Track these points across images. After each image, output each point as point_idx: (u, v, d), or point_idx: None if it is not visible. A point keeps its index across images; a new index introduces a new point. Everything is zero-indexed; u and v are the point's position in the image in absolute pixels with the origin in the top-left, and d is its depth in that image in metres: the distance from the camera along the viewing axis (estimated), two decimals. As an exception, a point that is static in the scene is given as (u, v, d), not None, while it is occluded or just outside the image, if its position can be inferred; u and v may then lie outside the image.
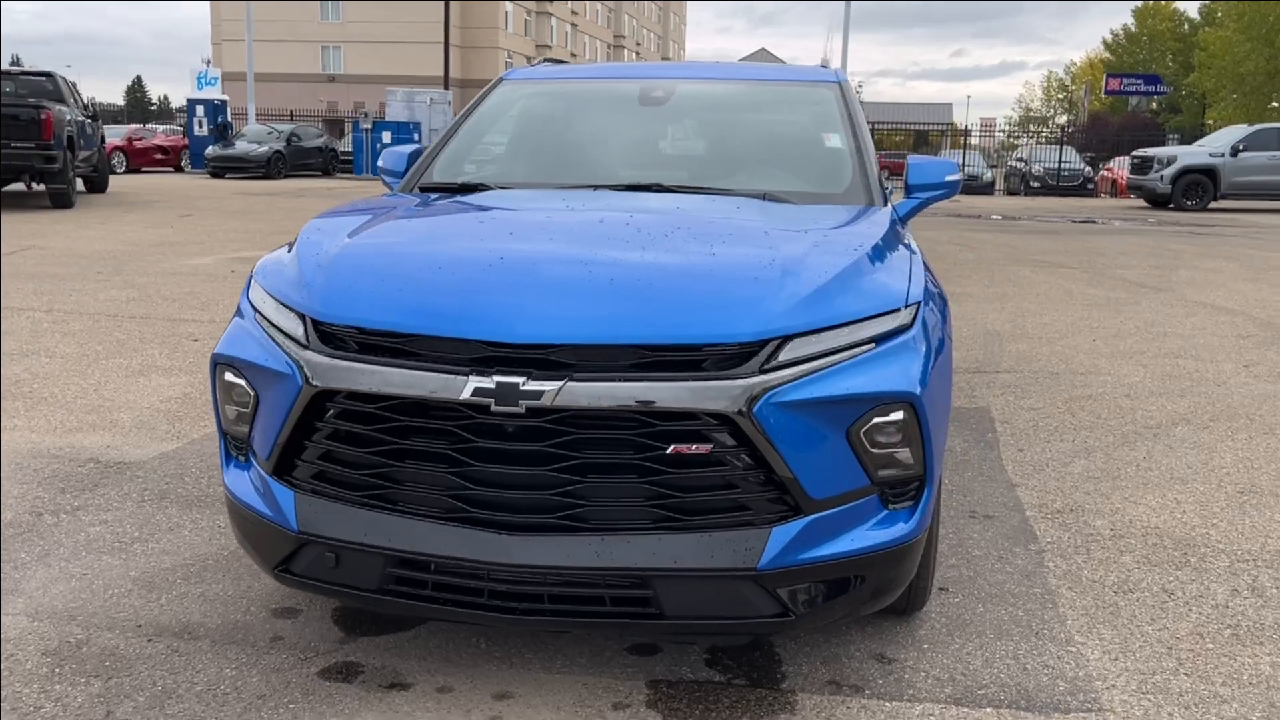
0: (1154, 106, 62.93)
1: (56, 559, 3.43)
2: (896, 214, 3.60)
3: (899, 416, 2.47)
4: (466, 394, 2.33)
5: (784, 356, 2.39)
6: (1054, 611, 3.17)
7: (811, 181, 3.69)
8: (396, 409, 2.43)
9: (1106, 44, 77.49)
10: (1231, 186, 23.97)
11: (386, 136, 29.41)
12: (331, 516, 2.51)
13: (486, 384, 2.32)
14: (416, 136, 29.95)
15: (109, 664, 2.79)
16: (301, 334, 2.56)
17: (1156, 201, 24.87)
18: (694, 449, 2.34)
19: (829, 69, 4.33)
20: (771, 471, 2.37)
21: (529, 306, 2.42)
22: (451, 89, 36.93)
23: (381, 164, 4.10)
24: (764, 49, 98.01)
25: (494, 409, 2.31)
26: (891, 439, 2.49)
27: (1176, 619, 3.14)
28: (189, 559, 3.46)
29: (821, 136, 3.90)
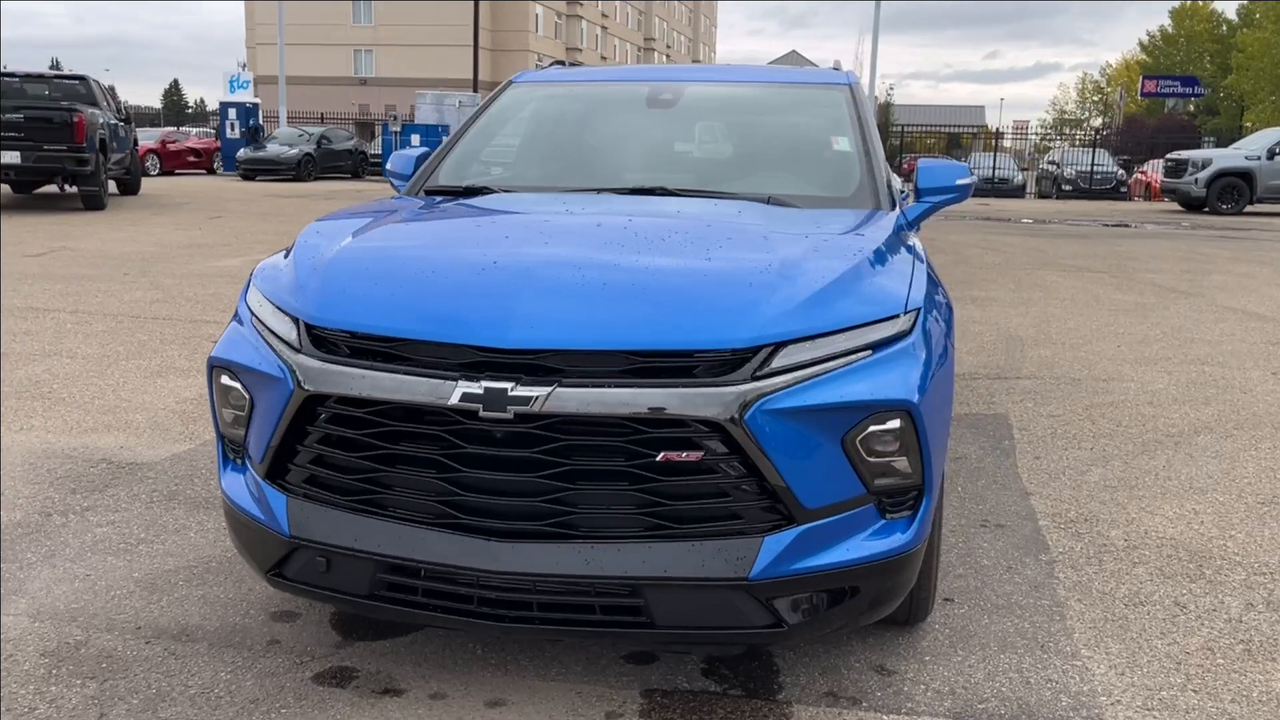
0: (1191, 109, 62.16)
1: (62, 559, 3.45)
2: (905, 218, 3.55)
3: (896, 425, 2.42)
4: (455, 399, 2.31)
5: (778, 363, 2.36)
6: (1061, 624, 3.11)
7: (818, 185, 3.65)
8: (387, 414, 2.42)
9: (1143, 45, 76.60)
10: (1268, 190, 23.56)
11: (415, 139, 29.53)
12: (323, 521, 2.50)
13: (475, 389, 2.30)
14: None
15: (105, 666, 2.79)
16: (294, 338, 2.55)
17: (1191, 205, 24.51)
18: (684, 456, 2.31)
19: (840, 71, 4.29)
20: (764, 480, 2.34)
21: (520, 311, 2.40)
22: (481, 92, 37.09)
23: (389, 166, 4.10)
24: (795, 51, 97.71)
25: (482, 414, 2.30)
26: (889, 448, 2.44)
27: (1187, 633, 3.07)
28: (192, 561, 3.47)
29: (830, 139, 3.85)
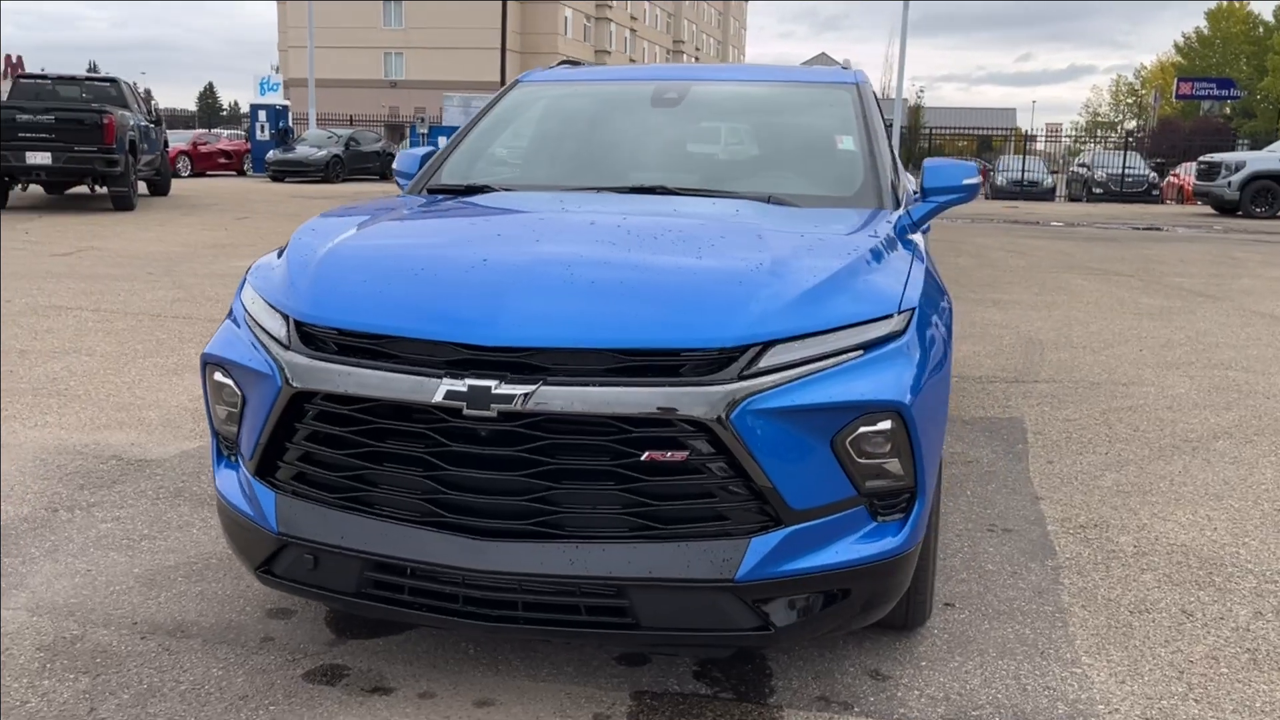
0: (1227, 111, 61.27)
1: (64, 554, 3.47)
2: (910, 218, 3.51)
3: (887, 426, 2.39)
4: (439, 397, 2.30)
5: (765, 362, 2.33)
6: (1063, 631, 3.05)
7: (821, 184, 3.61)
8: (373, 411, 2.41)
9: (1178, 47, 75.60)
10: (1303, 193, 23.18)
11: (442, 141, 29.62)
12: (310, 518, 2.50)
13: (459, 387, 2.29)
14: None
15: (99, 660, 2.81)
16: (284, 335, 2.55)
17: (1224, 208, 24.15)
18: (669, 456, 2.29)
19: (848, 70, 4.25)
20: (750, 480, 2.31)
21: (506, 309, 2.38)
22: (508, 94, 37.09)
23: (396, 165, 4.11)
24: (824, 54, 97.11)
25: (466, 412, 2.28)
26: (879, 449, 2.41)
27: (1192, 641, 3.01)
28: (193, 557, 3.49)
29: (834, 139, 3.81)
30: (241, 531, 2.66)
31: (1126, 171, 31.79)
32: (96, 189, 16.54)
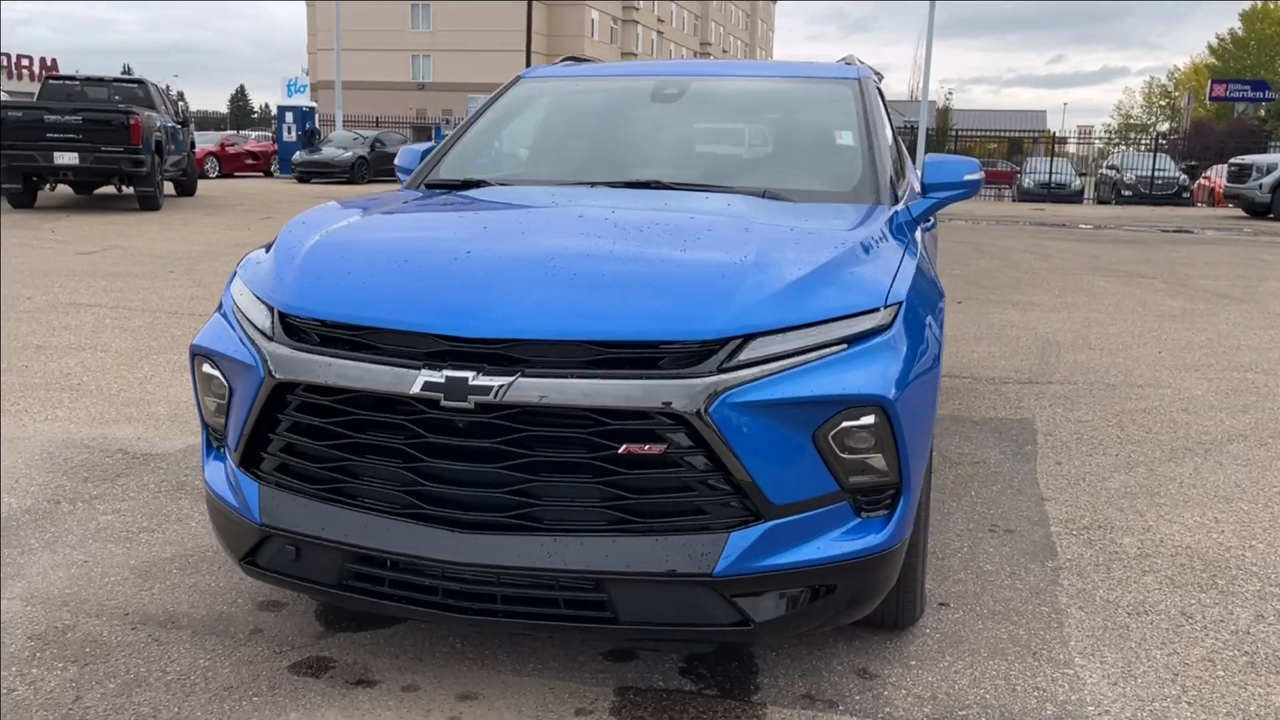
0: (1261, 113, 60.41)
1: (63, 546, 3.50)
2: (910, 214, 3.48)
3: (870, 421, 2.36)
4: (416, 388, 2.29)
5: (746, 355, 2.31)
6: (1058, 631, 3.01)
7: (818, 179, 3.58)
8: (353, 402, 2.41)
9: (1211, 49, 74.64)
10: (1336, 195, 22.81)
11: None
12: (292, 510, 2.50)
13: (436, 378, 2.28)
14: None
15: (89, 650, 2.82)
16: (268, 326, 2.56)
17: (1255, 211, 23.78)
18: (647, 449, 2.27)
19: (852, 66, 4.21)
20: (729, 474, 2.29)
21: (486, 301, 2.38)
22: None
23: (397, 161, 4.12)
24: (852, 55, 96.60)
25: (443, 404, 2.28)
26: (863, 444, 2.38)
27: (1190, 644, 2.95)
28: (190, 550, 3.50)
29: (833, 134, 3.78)
30: (227, 523, 2.67)
31: (1156, 174, 31.43)
32: (123, 189, 16.72)
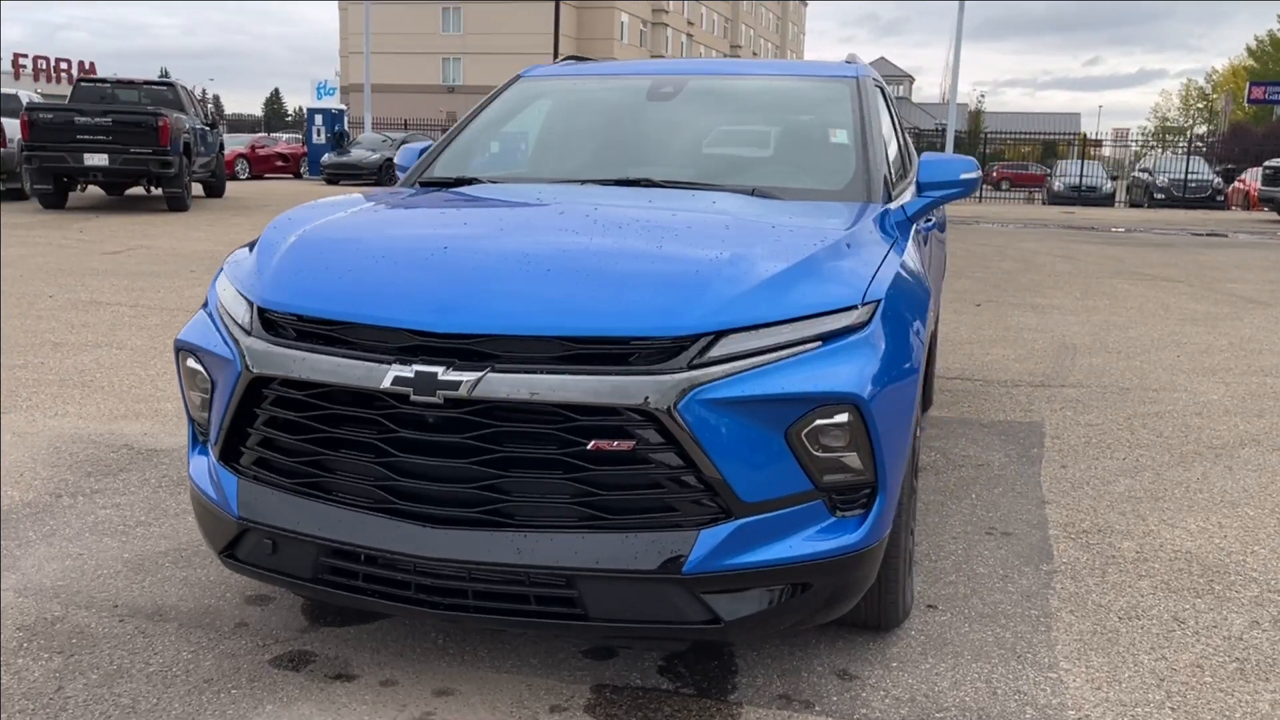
0: (1300, 116, 59.40)
1: (60, 539, 3.54)
2: (904, 213, 3.45)
3: (844, 419, 2.34)
4: (386, 383, 2.30)
5: (717, 352, 2.30)
6: (1045, 635, 2.97)
7: (810, 178, 3.56)
8: (327, 397, 2.42)
9: (1250, 50, 73.62)
10: (1373, 199, 22.43)
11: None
12: (269, 503, 2.52)
13: (406, 373, 2.29)
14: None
15: (75, 641, 2.86)
16: (248, 321, 2.58)
17: (1290, 214, 23.47)
18: (615, 445, 2.26)
19: (851, 64, 4.19)
20: (699, 471, 2.27)
21: (458, 296, 2.38)
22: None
23: (396, 159, 4.14)
24: (883, 58, 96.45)
25: (413, 398, 2.28)
26: (837, 442, 2.36)
27: (1179, 649, 2.90)
28: (184, 544, 3.54)
29: (828, 132, 3.76)
30: (208, 516, 2.69)
31: (1189, 177, 31.00)
32: (152, 190, 16.92)
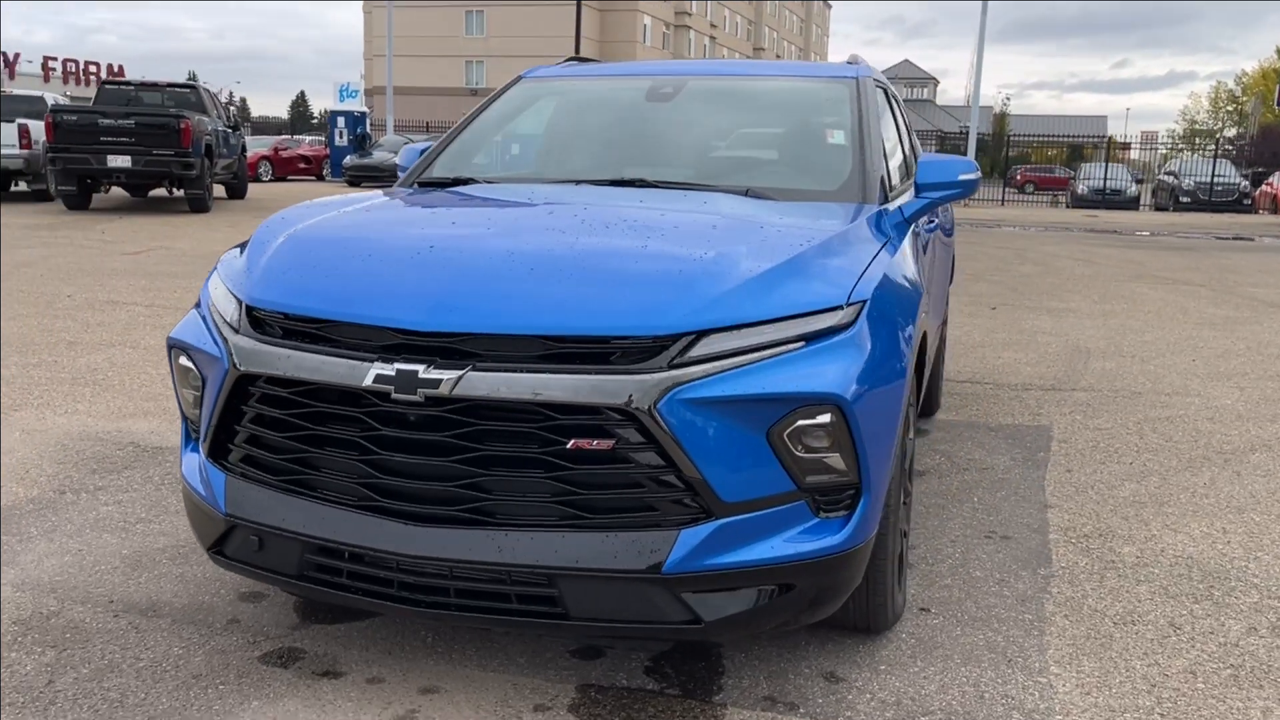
0: (1330, 119, 58.70)
1: (61, 535, 3.58)
2: (902, 214, 3.43)
3: (827, 420, 2.33)
4: (368, 381, 2.31)
5: (698, 351, 2.29)
6: (1038, 640, 2.94)
7: (805, 178, 3.55)
8: (312, 395, 2.43)
9: None
10: (1403, 203, 22.13)
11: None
12: (255, 500, 2.53)
13: (388, 371, 2.30)
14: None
15: (68, 636, 2.88)
16: (236, 319, 2.59)
17: (1317, 218, 23.20)
18: (595, 444, 2.26)
19: (853, 65, 4.17)
20: (679, 471, 2.27)
21: (441, 294, 2.39)
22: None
23: (397, 160, 4.16)
24: (907, 60, 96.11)
25: (394, 396, 2.29)
26: (820, 443, 2.35)
27: (1173, 655, 2.87)
28: (182, 541, 3.56)
29: (825, 133, 3.75)
30: (197, 512, 2.71)
31: (1216, 180, 30.68)
32: (174, 191, 17.07)
